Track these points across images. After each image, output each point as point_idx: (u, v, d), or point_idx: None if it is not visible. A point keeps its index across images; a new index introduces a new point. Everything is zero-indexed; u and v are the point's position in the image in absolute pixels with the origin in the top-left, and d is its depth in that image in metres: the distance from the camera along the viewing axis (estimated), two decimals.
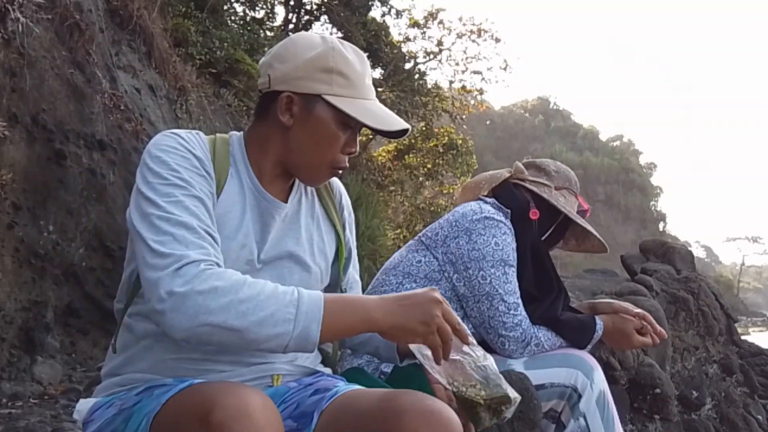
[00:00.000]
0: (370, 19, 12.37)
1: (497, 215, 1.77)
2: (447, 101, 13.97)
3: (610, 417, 1.65)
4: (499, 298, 1.67)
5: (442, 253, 1.76)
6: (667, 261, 4.25)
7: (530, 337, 1.67)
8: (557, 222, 1.91)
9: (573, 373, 1.66)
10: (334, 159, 1.19)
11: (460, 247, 1.73)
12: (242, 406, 0.86)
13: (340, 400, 1.09)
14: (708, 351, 3.97)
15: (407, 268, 1.79)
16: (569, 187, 1.95)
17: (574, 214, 1.89)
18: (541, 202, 1.87)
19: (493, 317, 1.67)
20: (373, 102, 1.21)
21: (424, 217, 12.95)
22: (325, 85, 1.16)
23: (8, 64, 3.64)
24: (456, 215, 1.80)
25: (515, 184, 1.93)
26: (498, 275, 1.69)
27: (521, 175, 1.94)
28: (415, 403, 0.98)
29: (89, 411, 1.11)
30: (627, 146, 64.61)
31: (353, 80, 1.18)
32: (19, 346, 3.42)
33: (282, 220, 1.23)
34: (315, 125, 1.17)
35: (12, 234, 3.50)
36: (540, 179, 1.92)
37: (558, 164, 2.02)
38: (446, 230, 1.78)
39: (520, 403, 1.17)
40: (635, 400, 2.94)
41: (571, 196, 1.95)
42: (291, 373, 1.20)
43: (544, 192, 1.89)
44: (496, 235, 1.73)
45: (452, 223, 1.79)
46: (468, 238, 1.72)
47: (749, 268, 66.91)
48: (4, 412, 2.79)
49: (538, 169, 1.97)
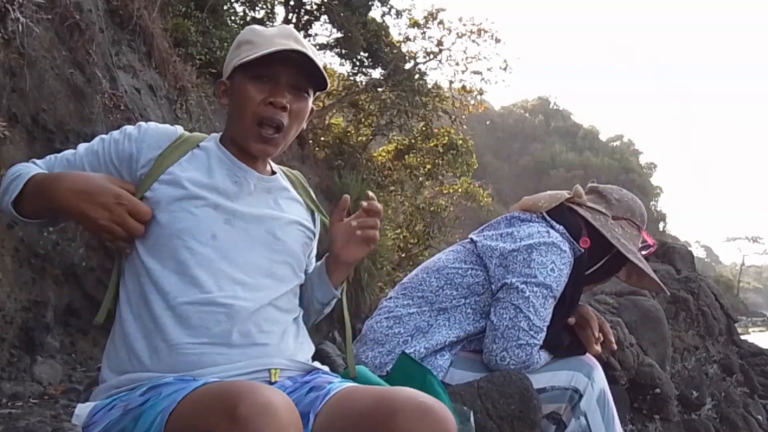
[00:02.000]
0: (370, 19, 12.36)
1: (563, 245, 1.72)
2: (447, 101, 13.96)
3: (610, 416, 1.65)
4: (525, 316, 1.63)
5: (496, 264, 1.72)
6: (667, 261, 4.25)
7: (533, 362, 1.66)
8: (610, 255, 1.81)
9: (573, 375, 1.66)
10: (257, 112, 1.26)
11: (517, 259, 1.69)
12: (267, 403, 0.87)
13: (335, 399, 1.10)
14: (708, 351, 3.97)
15: (452, 275, 1.76)
16: (631, 219, 1.84)
17: (627, 247, 1.78)
18: (595, 232, 1.78)
19: (511, 328, 1.63)
20: (277, 47, 1.25)
21: (424, 217, 12.94)
22: (236, 58, 1.28)
23: (8, 64, 3.64)
24: (521, 231, 1.75)
25: (570, 207, 1.83)
26: (538, 295, 1.65)
27: (578, 200, 1.84)
28: (410, 401, 0.98)
29: (89, 414, 1.11)
30: (627, 146, 64.61)
31: (258, 42, 1.26)
32: (19, 346, 3.42)
33: (257, 187, 1.31)
34: (235, 92, 1.29)
35: (12, 234, 3.50)
36: (598, 206, 1.83)
37: (624, 193, 1.90)
38: (508, 243, 1.73)
39: (520, 403, 1.16)
40: (635, 400, 2.94)
41: (633, 228, 1.83)
42: (288, 368, 1.21)
43: (598, 220, 1.79)
44: (555, 261, 1.68)
45: (515, 237, 1.74)
46: (528, 253, 1.68)
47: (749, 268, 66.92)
48: (4, 412, 2.79)
49: (599, 195, 1.87)
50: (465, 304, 1.73)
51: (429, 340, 1.67)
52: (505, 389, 1.61)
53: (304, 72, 1.28)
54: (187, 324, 1.14)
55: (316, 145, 13.13)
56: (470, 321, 1.73)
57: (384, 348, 1.69)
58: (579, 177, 52.49)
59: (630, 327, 3.06)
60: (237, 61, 1.26)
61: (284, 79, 1.26)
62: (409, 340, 1.69)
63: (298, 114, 1.30)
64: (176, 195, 1.21)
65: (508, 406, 1.59)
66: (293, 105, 1.27)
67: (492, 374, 1.66)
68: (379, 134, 13.71)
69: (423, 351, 1.66)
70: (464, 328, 1.72)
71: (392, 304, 1.79)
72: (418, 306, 1.75)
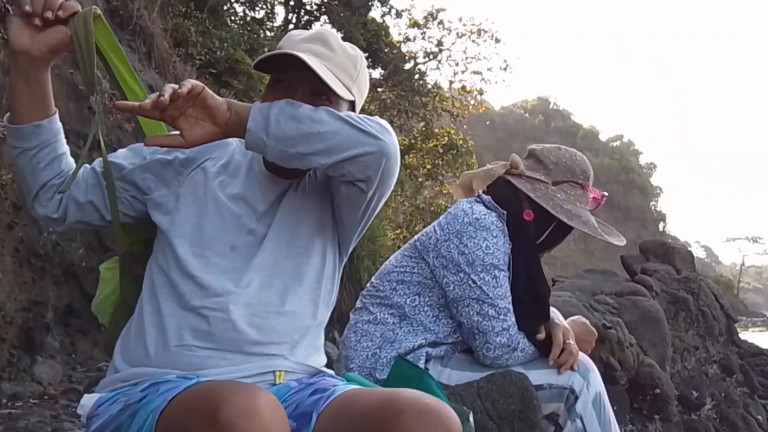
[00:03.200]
0: (370, 19, 12.37)
1: (489, 216, 1.70)
2: (447, 101, 13.98)
3: (606, 419, 1.64)
4: (489, 303, 1.64)
5: (434, 257, 1.71)
6: (667, 261, 4.25)
7: (516, 343, 1.65)
8: (555, 221, 1.76)
9: (570, 374, 1.65)
10: None
11: (451, 250, 1.68)
12: (250, 404, 0.86)
13: (339, 400, 1.09)
14: (708, 351, 3.98)
15: (400, 276, 1.76)
16: (572, 179, 1.78)
17: (571, 213, 1.73)
18: (536, 202, 1.73)
19: (482, 321, 1.64)
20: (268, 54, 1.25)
21: (424, 217, 12.96)
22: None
23: (8, 65, 3.64)
24: (448, 217, 1.75)
25: (508, 181, 1.79)
26: (488, 279, 1.65)
27: (516, 171, 1.79)
28: (414, 403, 0.98)
29: (94, 406, 1.12)
30: (627, 146, 64.67)
31: (283, 46, 1.26)
32: (19, 346, 3.42)
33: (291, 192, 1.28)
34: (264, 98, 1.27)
35: (12, 234, 3.51)
36: (536, 174, 1.77)
37: (560, 153, 1.82)
38: (438, 234, 1.73)
39: (520, 403, 1.16)
40: (635, 400, 2.94)
41: (575, 188, 1.77)
42: (293, 371, 1.20)
43: (539, 191, 1.74)
44: (486, 238, 1.67)
45: (443, 226, 1.73)
46: (459, 241, 1.67)
47: (749, 268, 67.01)
48: (4, 412, 2.79)
49: (536, 160, 1.81)
50: (420, 302, 1.73)
51: (398, 349, 1.67)
52: (505, 389, 1.61)
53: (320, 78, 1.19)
54: (196, 327, 1.14)
55: None
56: (431, 319, 1.72)
57: (354, 363, 1.69)
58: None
59: (630, 327, 3.07)
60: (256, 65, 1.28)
61: (299, 83, 1.21)
62: (378, 352, 1.68)
63: None
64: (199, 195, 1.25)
65: (508, 406, 1.59)
66: None
67: (492, 374, 1.65)
68: None
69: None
70: (429, 328, 1.71)
71: (357, 317, 1.80)
72: (380, 312, 1.74)
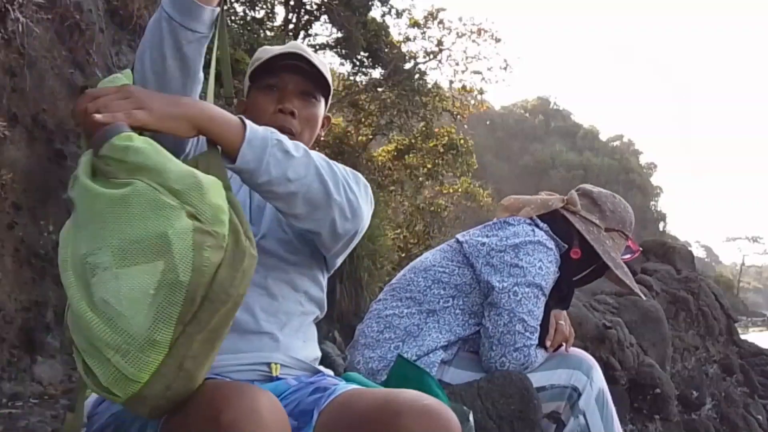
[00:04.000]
0: (370, 19, 12.37)
1: (549, 243, 1.75)
2: (447, 101, 13.97)
3: (609, 415, 1.66)
4: (520, 318, 1.65)
5: (483, 264, 1.73)
6: (667, 261, 4.25)
7: (530, 363, 1.67)
8: (597, 264, 1.85)
9: (572, 373, 1.67)
10: (268, 122, 1.26)
11: (505, 260, 1.70)
12: (253, 406, 0.87)
13: (339, 399, 1.10)
14: (708, 351, 3.98)
15: (439, 275, 1.77)
16: (622, 230, 1.87)
17: (616, 262, 1.81)
18: (586, 243, 1.81)
19: (507, 333, 1.64)
20: (276, 52, 1.32)
21: (424, 217, 12.95)
22: (250, 75, 1.37)
23: (8, 64, 3.64)
24: (507, 231, 1.77)
25: (563, 216, 1.86)
26: (530, 296, 1.67)
27: (573, 208, 1.87)
28: (414, 403, 0.98)
29: (93, 405, 1.12)
30: (627, 146, 64.62)
31: (265, 57, 1.33)
32: (19, 346, 3.42)
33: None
34: (250, 106, 1.35)
35: (12, 234, 3.51)
36: (592, 217, 1.85)
37: (616, 201, 1.91)
38: (493, 243, 1.75)
39: (520, 403, 1.16)
40: (635, 400, 2.94)
41: (622, 238, 1.87)
42: (288, 365, 1.21)
43: (591, 233, 1.81)
44: (542, 259, 1.70)
45: (501, 237, 1.76)
46: (515, 253, 1.70)
47: (749, 268, 66.99)
48: (4, 412, 2.79)
49: (593, 203, 1.88)
50: (453, 304, 1.74)
51: (420, 345, 1.68)
52: (505, 389, 1.61)
53: (310, 78, 1.33)
54: None
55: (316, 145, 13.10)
56: (459, 323, 1.73)
57: (375, 353, 1.69)
58: (579, 177, 52.50)
59: (630, 327, 3.07)
60: (248, 72, 1.34)
61: (291, 85, 1.31)
62: (401, 345, 1.69)
63: (308, 119, 1.33)
64: None
65: (508, 406, 1.59)
66: (302, 111, 1.32)
67: (492, 374, 1.66)
68: (379, 134, 13.72)
69: (415, 356, 1.67)
70: (455, 331, 1.72)
71: (381, 307, 1.80)
72: (407, 307, 1.75)
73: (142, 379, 0.79)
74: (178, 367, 0.81)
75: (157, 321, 0.79)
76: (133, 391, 0.80)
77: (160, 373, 0.80)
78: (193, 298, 0.81)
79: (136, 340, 0.79)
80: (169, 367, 0.81)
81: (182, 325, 0.81)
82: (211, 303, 0.82)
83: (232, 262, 0.85)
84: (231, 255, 0.85)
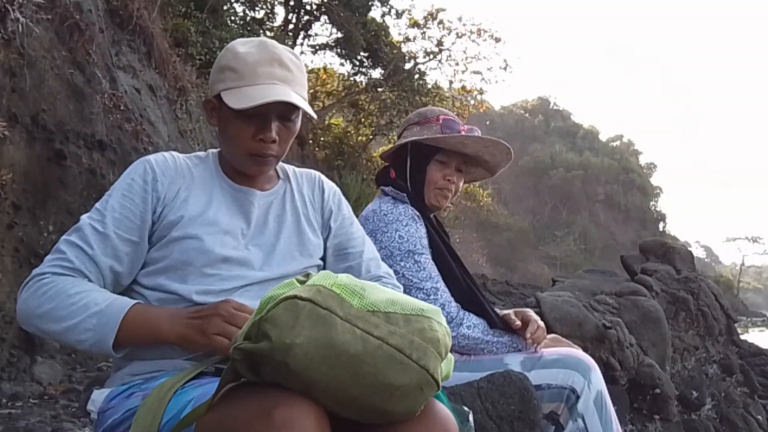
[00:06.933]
0: (370, 19, 12.38)
1: (395, 208, 1.78)
2: (447, 101, 13.98)
3: (608, 417, 1.65)
4: (415, 288, 1.68)
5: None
6: (667, 261, 4.25)
7: (460, 318, 1.69)
8: (407, 153, 1.85)
9: (570, 374, 1.66)
10: (248, 147, 1.26)
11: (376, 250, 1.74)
12: (306, 408, 0.87)
13: None
14: (708, 351, 3.98)
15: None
16: (417, 122, 1.90)
17: (417, 132, 1.84)
18: (395, 159, 1.88)
19: None
20: (263, 86, 1.22)
21: None
22: (221, 84, 1.25)
23: (8, 64, 3.64)
24: (361, 219, 1.79)
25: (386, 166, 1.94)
26: (408, 266, 1.70)
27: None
28: None
29: (106, 399, 1.12)
30: (627, 146, 64.65)
31: (241, 71, 1.23)
32: (19, 346, 3.42)
33: (262, 206, 1.32)
34: (223, 121, 1.27)
35: (12, 234, 3.51)
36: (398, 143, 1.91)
37: (416, 111, 1.98)
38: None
39: (520, 403, 1.15)
40: (635, 400, 2.94)
41: (413, 128, 1.89)
42: None
43: (394, 146, 1.89)
44: (398, 228, 1.74)
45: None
46: (374, 239, 1.72)
47: (749, 268, 67.04)
48: (4, 412, 2.79)
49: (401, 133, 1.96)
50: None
51: None
52: (505, 389, 1.61)
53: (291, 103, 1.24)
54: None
55: (316, 145, 13.12)
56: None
57: None
58: (579, 177, 52.58)
59: (630, 327, 3.06)
60: (224, 91, 1.24)
61: (273, 113, 1.24)
62: None
63: (289, 136, 1.30)
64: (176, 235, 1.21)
65: (508, 406, 1.59)
66: (282, 133, 1.28)
67: (492, 374, 1.66)
68: (379, 134, 13.72)
69: None
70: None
71: None
72: None
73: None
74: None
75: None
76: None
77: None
78: None
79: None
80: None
81: None
82: None
83: None
84: None
